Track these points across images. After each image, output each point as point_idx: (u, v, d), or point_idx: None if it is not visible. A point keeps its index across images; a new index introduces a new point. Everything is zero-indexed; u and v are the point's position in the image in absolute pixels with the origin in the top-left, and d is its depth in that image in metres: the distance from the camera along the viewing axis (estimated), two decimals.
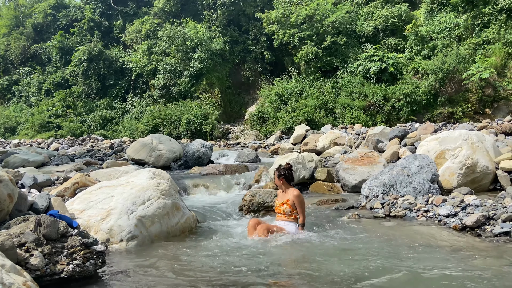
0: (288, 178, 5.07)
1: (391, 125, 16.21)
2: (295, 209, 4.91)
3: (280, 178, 5.05)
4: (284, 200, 4.96)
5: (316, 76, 20.40)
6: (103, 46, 26.87)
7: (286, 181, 5.06)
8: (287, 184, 5.07)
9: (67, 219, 3.87)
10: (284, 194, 5.04)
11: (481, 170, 6.61)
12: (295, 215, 4.91)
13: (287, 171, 5.06)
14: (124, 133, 21.97)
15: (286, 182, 5.06)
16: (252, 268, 3.73)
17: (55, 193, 5.71)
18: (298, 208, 4.90)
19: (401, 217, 5.42)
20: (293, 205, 4.89)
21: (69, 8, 31.16)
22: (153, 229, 4.72)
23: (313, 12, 20.81)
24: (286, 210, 4.91)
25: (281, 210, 4.94)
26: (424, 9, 20.56)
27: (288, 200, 4.92)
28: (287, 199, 4.93)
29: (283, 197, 5.03)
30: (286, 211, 4.91)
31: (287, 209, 4.90)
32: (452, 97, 17.65)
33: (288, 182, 5.08)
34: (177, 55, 23.28)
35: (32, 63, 30.40)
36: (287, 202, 4.91)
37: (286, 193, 5.02)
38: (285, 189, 5.05)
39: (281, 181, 5.05)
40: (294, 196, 4.92)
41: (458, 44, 18.26)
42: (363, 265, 3.69)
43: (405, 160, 6.77)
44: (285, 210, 4.92)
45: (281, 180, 5.05)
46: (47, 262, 3.28)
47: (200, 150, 10.50)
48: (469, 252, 3.98)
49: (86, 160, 10.85)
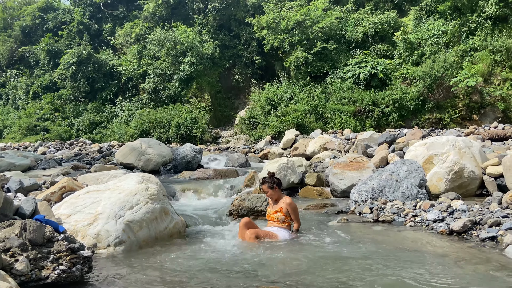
0: (279, 185, 5.10)
1: (380, 130, 16.35)
2: (289, 217, 4.90)
3: (275, 187, 5.03)
4: (277, 208, 4.94)
5: (306, 81, 20.51)
6: (92, 49, 26.68)
7: (279, 188, 5.08)
8: (280, 191, 5.08)
9: (53, 224, 3.82)
10: (276, 202, 5.03)
11: (468, 175, 6.69)
12: (289, 222, 4.90)
13: (276, 179, 5.07)
14: (113, 137, 21.79)
15: (279, 190, 5.08)
16: (240, 273, 3.72)
17: (41, 197, 5.63)
18: (292, 215, 4.90)
19: (390, 222, 5.45)
20: (287, 213, 4.89)
21: (58, 11, 30.89)
22: (141, 234, 4.68)
23: (303, 18, 20.96)
24: (280, 218, 4.89)
25: (274, 218, 4.93)
26: (412, 16, 20.85)
27: (282, 208, 4.91)
28: (280, 207, 4.92)
29: (275, 205, 5.01)
30: (280, 219, 4.90)
31: (281, 216, 4.89)
32: (440, 103, 17.89)
33: (279, 189, 5.09)
34: (167, 59, 23.22)
35: (19, 65, 30.04)
36: (281, 210, 4.90)
37: (278, 201, 5.01)
38: (277, 197, 5.04)
39: (276, 189, 5.03)
40: (287, 204, 4.91)
41: (446, 51, 18.54)
42: (349, 269, 3.70)
43: (394, 165, 6.82)
44: (278, 218, 4.90)
45: (275, 189, 5.03)
46: (32, 267, 3.23)
47: (189, 155, 10.46)
48: (456, 257, 4.01)
49: (73, 164, 10.73)
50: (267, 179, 5.06)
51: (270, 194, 5.04)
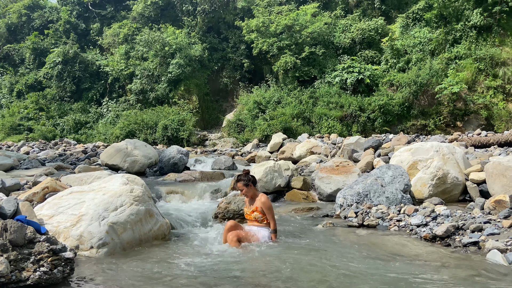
0: (254, 183, 5.06)
1: (366, 135, 16.50)
2: (265, 215, 4.91)
3: (250, 185, 4.98)
4: (253, 207, 4.94)
5: (294, 86, 20.59)
6: (79, 49, 26.34)
7: (254, 185, 5.04)
8: (254, 189, 5.03)
9: (35, 224, 3.75)
10: (253, 200, 5.01)
11: (452, 181, 6.79)
12: (267, 220, 4.91)
13: (250, 176, 5.03)
14: (99, 137, 21.53)
15: (254, 187, 5.04)
16: (223, 276, 3.70)
17: (23, 197, 5.52)
18: (267, 214, 4.88)
19: (374, 226, 5.49)
20: (263, 212, 4.90)
21: (44, 9, 30.43)
22: (125, 236, 4.63)
23: (292, 22, 21.07)
24: (258, 216, 4.91)
25: (252, 217, 4.95)
26: (399, 23, 21.14)
27: (257, 207, 4.90)
28: (256, 206, 4.92)
29: (251, 204, 5.01)
30: (257, 218, 4.92)
31: (258, 215, 4.91)
32: (425, 110, 18.15)
33: (255, 187, 5.07)
34: (155, 60, 23.08)
35: (4, 63, 29.47)
36: (257, 209, 4.91)
37: (254, 200, 4.99)
38: (253, 195, 5.01)
39: (250, 187, 4.99)
40: (262, 202, 4.89)
41: (431, 58, 18.84)
42: (331, 274, 3.72)
43: (379, 170, 6.89)
44: (256, 217, 4.92)
45: (250, 186, 4.99)
46: (12, 268, 3.17)
47: (176, 157, 10.39)
48: (438, 262, 4.07)
49: (57, 164, 10.56)
50: (242, 176, 5.02)
51: (245, 191, 4.99)
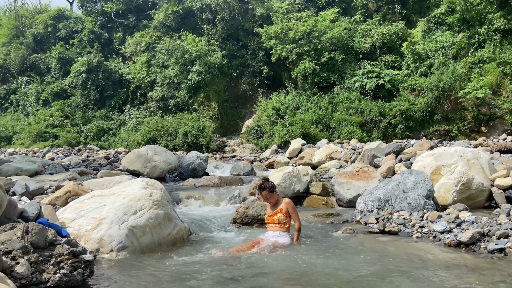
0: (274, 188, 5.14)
1: (387, 141, 16.23)
2: (289, 217, 4.93)
3: (274, 191, 5.08)
4: (277, 209, 4.97)
5: (313, 91, 20.49)
6: (102, 58, 26.97)
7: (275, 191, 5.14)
8: (277, 195, 5.14)
9: (56, 227, 3.81)
10: (275, 205, 5.06)
11: (477, 187, 6.59)
12: (289, 223, 4.91)
13: (270, 183, 5.10)
14: (121, 144, 21.88)
15: (277, 193, 5.14)
16: (241, 281, 3.67)
17: (46, 201, 5.63)
18: (293, 214, 4.94)
19: (396, 233, 5.36)
20: (287, 213, 4.92)
21: (69, 20, 31.33)
22: (144, 239, 4.66)
23: (310, 29, 21.03)
24: (281, 218, 4.92)
25: (275, 220, 4.93)
26: (421, 27, 20.83)
27: (282, 208, 4.94)
28: (280, 208, 4.96)
29: (274, 207, 5.04)
30: (280, 220, 4.92)
31: (281, 217, 4.92)
32: (449, 115, 17.76)
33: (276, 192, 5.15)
34: (176, 68, 23.38)
35: (31, 72, 30.42)
36: (281, 210, 4.94)
37: (276, 204, 5.05)
38: (276, 201, 5.07)
39: (275, 193, 5.10)
40: (287, 203, 4.98)
41: (454, 63, 18.45)
42: (352, 280, 3.64)
43: (401, 176, 6.74)
44: (279, 219, 4.92)
45: (274, 192, 5.09)
46: (33, 270, 3.21)
47: (195, 162, 10.45)
48: (463, 268, 3.93)
49: (80, 170, 10.76)
50: (266, 184, 5.06)
51: (271, 198, 5.05)
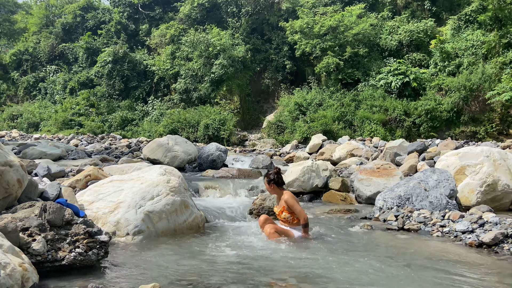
0: (278, 183, 4.88)
1: (410, 140, 15.85)
2: (292, 212, 4.73)
3: (271, 184, 4.86)
4: (281, 207, 4.80)
5: (337, 88, 20.22)
6: (128, 49, 27.34)
7: (277, 185, 4.88)
8: (277, 189, 4.89)
9: (74, 208, 3.86)
10: (279, 200, 4.89)
11: (502, 188, 6.35)
12: (297, 219, 4.75)
13: (275, 175, 4.88)
14: (143, 134, 22.18)
15: (277, 187, 4.88)
16: (255, 269, 3.63)
17: (67, 184, 5.74)
18: (293, 208, 4.69)
19: (415, 231, 5.22)
20: (289, 210, 4.73)
21: (98, 10, 31.87)
22: (160, 225, 4.68)
23: (337, 24, 20.72)
24: (287, 217, 4.75)
25: (283, 218, 4.80)
26: (450, 25, 20.24)
27: (284, 206, 4.75)
28: (282, 206, 4.77)
29: (279, 204, 4.89)
30: (287, 218, 4.75)
31: (287, 215, 4.75)
32: (476, 116, 17.22)
33: (278, 187, 4.89)
34: (199, 61, 23.48)
35: (59, 61, 31.14)
36: (284, 209, 4.76)
37: (280, 199, 4.87)
38: (278, 194, 4.91)
39: (272, 187, 4.88)
40: (285, 200, 4.74)
41: (484, 63, 17.86)
42: (367, 274, 3.55)
43: (423, 174, 6.57)
44: (286, 217, 4.75)
45: (271, 186, 4.87)
46: (49, 248, 3.26)
47: (215, 154, 10.47)
48: (485, 269, 3.79)
49: (102, 156, 10.94)
50: (269, 173, 4.92)
51: (268, 190, 4.95)
